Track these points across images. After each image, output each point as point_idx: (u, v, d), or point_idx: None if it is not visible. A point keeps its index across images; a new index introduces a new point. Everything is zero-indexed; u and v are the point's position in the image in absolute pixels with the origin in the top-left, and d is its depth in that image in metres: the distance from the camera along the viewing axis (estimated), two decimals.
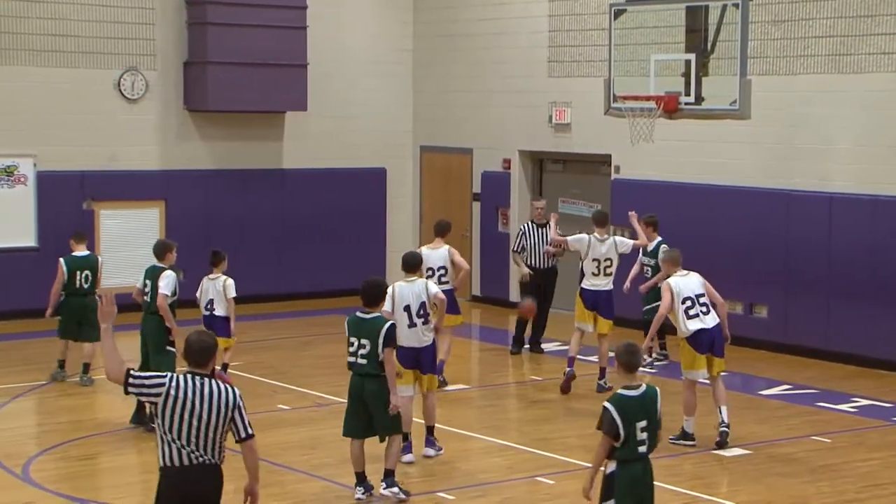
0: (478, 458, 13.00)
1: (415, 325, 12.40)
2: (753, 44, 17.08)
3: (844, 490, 11.92)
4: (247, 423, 7.99)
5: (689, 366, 13.22)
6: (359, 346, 11.24)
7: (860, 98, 17.25)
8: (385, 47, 23.25)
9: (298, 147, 22.35)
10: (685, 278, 13.26)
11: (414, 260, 12.92)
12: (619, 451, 8.75)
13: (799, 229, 17.81)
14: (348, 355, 11.33)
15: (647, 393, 8.88)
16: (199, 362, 7.93)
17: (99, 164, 20.52)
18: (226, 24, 20.88)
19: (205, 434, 7.80)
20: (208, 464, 7.86)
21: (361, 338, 11.23)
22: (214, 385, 7.88)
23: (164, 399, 7.76)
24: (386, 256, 23.09)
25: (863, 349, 17.22)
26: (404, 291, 12.45)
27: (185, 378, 7.85)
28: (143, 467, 12.45)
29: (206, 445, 7.82)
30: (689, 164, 19.13)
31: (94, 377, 15.85)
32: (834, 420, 14.63)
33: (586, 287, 15.70)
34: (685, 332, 13.09)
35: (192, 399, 7.77)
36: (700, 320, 13.09)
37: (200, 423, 7.77)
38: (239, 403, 7.93)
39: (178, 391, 7.77)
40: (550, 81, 21.15)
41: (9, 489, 11.74)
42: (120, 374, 7.84)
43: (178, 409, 7.76)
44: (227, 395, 7.89)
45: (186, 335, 8.05)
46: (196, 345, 7.94)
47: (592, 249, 15.63)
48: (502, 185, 22.05)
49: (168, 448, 7.80)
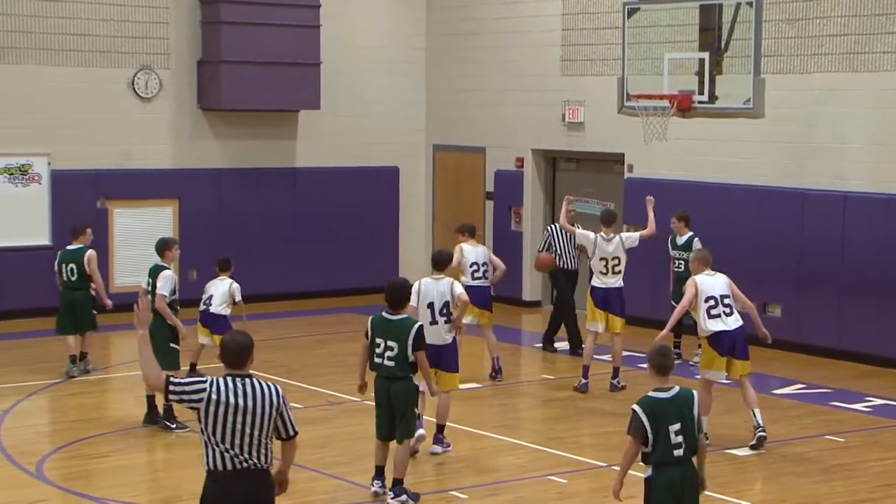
0: (490, 456, 12.99)
1: (436, 323, 12.44)
2: (767, 42, 17.05)
3: (858, 490, 11.89)
4: (293, 420, 7.84)
5: (707, 365, 13.16)
6: (386, 348, 11.15)
7: (874, 97, 17.21)
8: (398, 46, 23.26)
9: (311, 146, 22.37)
10: (711, 278, 13.18)
11: (442, 257, 12.98)
12: (652, 455, 8.59)
13: (813, 228, 17.78)
14: (374, 356, 11.25)
15: (681, 395, 8.68)
16: (237, 363, 7.75)
17: (113, 163, 20.56)
18: (239, 24, 20.90)
19: (249, 436, 7.62)
20: (255, 468, 7.68)
21: (389, 340, 11.15)
22: (256, 384, 7.71)
23: (206, 404, 7.61)
24: (399, 255, 23.11)
25: (877, 348, 17.18)
26: (429, 288, 12.51)
27: (224, 380, 7.68)
28: (155, 465, 12.49)
29: (251, 448, 7.64)
30: (703, 162, 19.11)
31: (89, 366, 16.23)
32: (847, 419, 14.60)
33: (597, 285, 15.70)
34: (706, 332, 13.04)
35: (234, 401, 7.60)
36: (721, 321, 12.99)
37: (244, 425, 7.61)
38: (283, 401, 7.77)
39: (219, 395, 7.61)
40: (564, 80, 21.13)
41: (23, 487, 11.77)
42: (159, 382, 7.71)
43: (221, 412, 7.59)
44: (270, 393, 7.72)
45: (222, 338, 7.91)
46: (231, 345, 7.77)
47: (599, 249, 15.63)
48: (515, 184, 22.04)
49: (213, 451, 7.64)
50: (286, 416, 7.79)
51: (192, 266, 19.77)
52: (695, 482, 8.70)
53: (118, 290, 19.81)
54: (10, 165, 19.81)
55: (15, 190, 19.85)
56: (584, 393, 15.56)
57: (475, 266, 15.90)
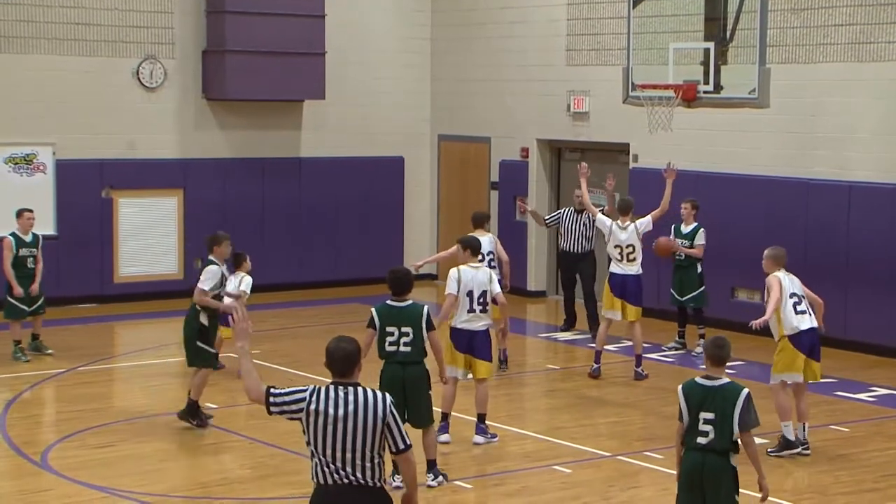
0: (495, 446, 12.98)
1: (473, 311, 12.57)
2: (773, 32, 17.00)
3: (863, 479, 11.89)
4: (404, 432, 7.24)
5: (787, 367, 12.44)
6: (400, 335, 11.27)
7: (880, 87, 17.18)
8: (403, 36, 23.23)
9: (316, 136, 22.36)
10: (790, 277, 12.68)
11: (477, 243, 13.05)
12: (685, 436, 8.80)
13: (818, 218, 17.76)
14: (386, 345, 11.30)
15: (727, 388, 8.69)
16: (343, 371, 7.29)
17: (118, 153, 20.57)
18: (244, 13, 20.88)
19: (352, 449, 7.10)
20: (360, 484, 7.13)
21: (402, 326, 11.27)
22: (361, 394, 7.20)
23: (307, 415, 7.17)
24: (404, 245, 23.10)
25: (881, 338, 17.17)
26: (468, 275, 12.59)
27: (328, 390, 7.23)
28: (161, 455, 12.50)
29: (354, 462, 7.11)
30: (708, 152, 19.09)
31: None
32: (852, 409, 14.59)
33: (615, 272, 15.79)
34: (793, 329, 12.40)
35: (334, 412, 7.13)
36: (808, 318, 12.49)
37: (346, 437, 7.10)
38: (391, 411, 7.20)
39: (318, 404, 7.16)
40: (569, 70, 21.11)
41: (28, 476, 11.80)
42: (260, 395, 7.29)
43: (322, 423, 7.13)
44: (378, 403, 7.18)
45: (327, 345, 7.45)
46: (337, 353, 7.31)
47: (613, 236, 15.80)
48: (520, 174, 22.02)
49: (316, 464, 7.19)
50: (394, 428, 7.21)
51: (197, 256, 19.75)
52: (721, 477, 8.76)
53: (123, 280, 19.85)
54: (16, 155, 19.81)
55: (20, 179, 19.85)
56: (596, 378, 15.56)
57: (480, 255, 15.83)
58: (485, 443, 12.85)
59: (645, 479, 12.01)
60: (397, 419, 7.22)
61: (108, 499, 11.15)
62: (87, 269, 20.19)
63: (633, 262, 15.77)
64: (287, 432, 13.07)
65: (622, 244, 15.74)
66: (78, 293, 20.05)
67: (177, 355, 17.39)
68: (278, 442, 12.84)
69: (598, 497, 11.37)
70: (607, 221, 15.94)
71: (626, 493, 11.55)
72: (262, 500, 11.33)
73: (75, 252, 20.06)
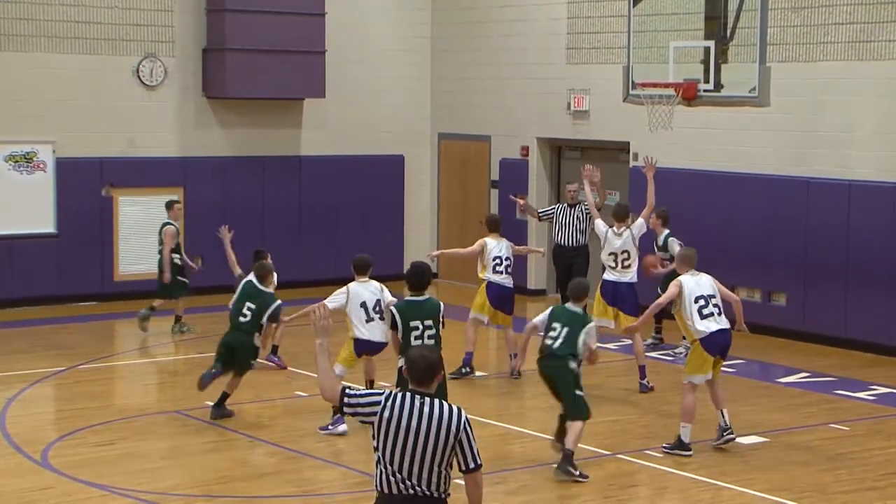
0: (495, 445, 12.98)
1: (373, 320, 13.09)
2: (773, 30, 17.01)
3: (863, 478, 11.89)
4: (475, 451, 6.99)
5: (698, 369, 12.49)
6: (424, 328, 11.68)
7: (880, 85, 17.18)
8: (403, 34, 23.23)
9: (316, 134, 22.36)
10: (696, 278, 12.69)
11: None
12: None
13: (818, 217, 17.76)
14: (412, 339, 11.56)
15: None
16: (423, 380, 7.02)
17: (118, 151, 20.57)
18: (244, 11, 20.88)
19: (420, 461, 6.91)
20: (424, 496, 6.94)
21: (425, 319, 11.69)
22: (437, 405, 6.97)
23: (379, 421, 6.97)
24: (404, 244, 23.10)
25: (881, 337, 17.17)
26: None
27: (403, 397, 6.99)
28: (161, 453, 12.50)
29: (420, 474, 6.92)
30: (708, 151, 19.09)
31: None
32: (852, 408, 14.59)
33: (607, 279, 15.51)
34: (700, 333, 12.43)
35: (406, 422, 6.91)
36: (715, 320, 12.48)
37: (416, 448, 6.90)
38: (465, 427, 6.95)
39: (392, 411, 6.94)
40: (569, 68, 21.11)
41: (28, 475, 11.79)
42: (335, 394, 7.13)
43: (392, 431, 6.93)
44: (452, 417, 6.94)
45: (408, 353, 7.26)
46: (421, 362, 7.03)
47: (608, 244, 15.47)
48: (520, 173, 22.03)
49: (381, 472, 7.00)
50: (466, 444, 6.96)
51: (198, 254, 19.76)
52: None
53: (123, 279, 19.86)
54: (16, 153, 19.81)
55: (20, 177, 19.85)
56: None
57: (498, 260, 15.77)
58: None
59: (644, 478, 12.02)
60: (470, 436, 6.98)
61: (108, 497, 11.15)
62: (87, 268, 20.21)
63: (628, 269, 15.46)
64: (288, 431, 13.09)
65: (617, 251, 15.42)
66: (78, 291, 20.07)
67: (176, 354, 17.42)
68: (278, 441, 12.84)
69: (598, 496, 11.37)
70: (603, 228, 15.56)
71: (625, 491, 11.56)
72: (261, 499, 11.33)
73: (75, 250, 20.07)
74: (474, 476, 7.03)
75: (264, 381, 15.31)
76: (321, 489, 11.54)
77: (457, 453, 6.96)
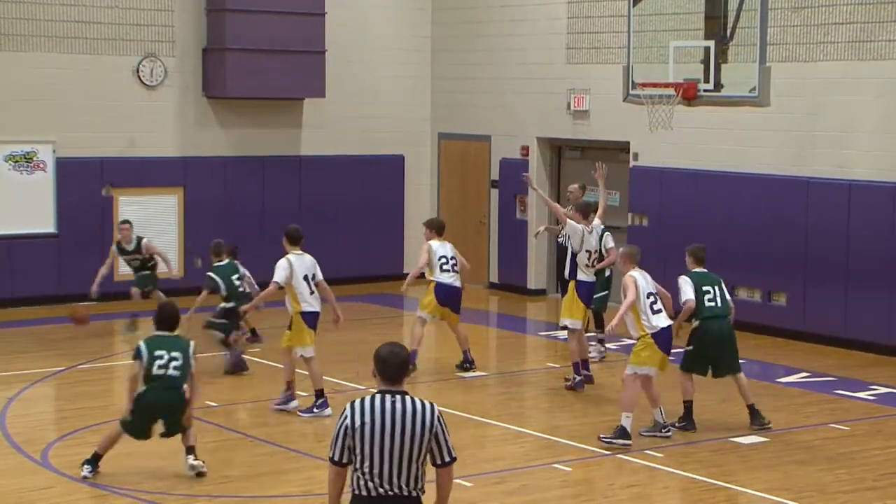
0: (495, 445, 13.00)
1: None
2: (773, 30, 17.01)
3: (863, 478, 11.89)
4: (450, 444, 6.90)
5: (647, 361, 12.68)
6: (170, 359, 11.57)
7: (880, 85, 17.18)
8: (403, 34, 23.23)
9: (316, 134, 22.36)
10: (644, 274, 12.86)
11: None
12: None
13: (818, 217, 17.77)
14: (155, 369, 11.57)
15: None
16: (395, 378, 6.86)
17: (118, 151, 20.57)
18: (244, 11, 20.89)
19: (399, 460, 6.78)
20: (403, 496, 6.82)
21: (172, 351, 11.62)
22: (409, 402, 6.82)
23: (352, 431, 6.80)
24: (404, 243, 23.10)
25: (881, 337, 17.18)
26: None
27: (372, 400, 6.82)
28: (161, 453, 12.48)
29: (400, 473, 6.79)
30: (708, 151, 19.09)
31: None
32: (852, 408, 14.60)
33: (583, 279, 14.97)
34: (653, 328, 12.64)
35: (382, 422, 6.77)
36: (663, 317, 12.73)
37: (394, 448, 6.77)
38: (439, 420, 6.85)
39: (363, 417, 6.77)
40: (569, 68, 21.11)
41: (28, 474, 11.79)
42: (336, 475, 6.96)
43: (368, 436, 6.77)
44: (426, 412, 6.82)
45: (378, 351, 6.94)
46: (393, 359, 6.85)
47: (586, 242, 14.94)
48: (520, 173, 21.97)
49: (358, 478, 6.84)
50: (442, 438, 6.87)
51: (197, 254, 19.75)
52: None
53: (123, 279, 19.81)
54: (16, 153, 19.82)
55: (20, 177, 19.86)
56: (580, 391, 15.11)
57: (444, 259, 15.74)
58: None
59: (645, 478, 12.02)
60: (445, 429, 6.89)
61: (108, 497, 11.15)
62: (87, 268, 20.13)
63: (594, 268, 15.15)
64: (287, 431, 13.08)
65: (592, 249, 15.00)
66: (78, 291, 20.05)
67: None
68: (278, 440, 12.84)
69: (598, 495, 11.38)
70: (578, 227, 14.96)
71: (625, 491, 11.56)
72: (261, 499, 11.33)
73: (75, 250, 20.07)
74: (449, 470, 6.96)
75: (262, 381, 15.30)
76: (321, 489, 11.52)
77: (433, 448, 6.85)
